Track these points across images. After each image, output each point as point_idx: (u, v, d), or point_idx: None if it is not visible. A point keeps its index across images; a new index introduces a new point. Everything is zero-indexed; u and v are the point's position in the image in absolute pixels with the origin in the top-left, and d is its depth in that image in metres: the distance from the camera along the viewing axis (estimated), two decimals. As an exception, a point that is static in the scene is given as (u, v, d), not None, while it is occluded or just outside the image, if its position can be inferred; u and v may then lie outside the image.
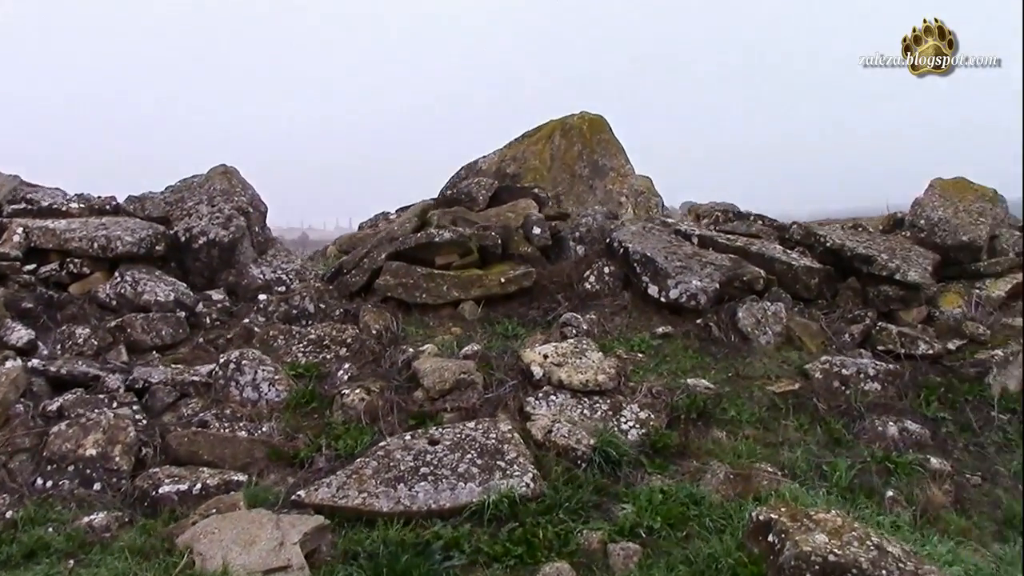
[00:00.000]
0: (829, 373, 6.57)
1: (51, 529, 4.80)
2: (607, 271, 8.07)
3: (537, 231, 8.81)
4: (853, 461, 5.61)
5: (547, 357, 6.37)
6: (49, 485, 5.28)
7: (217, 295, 8.19)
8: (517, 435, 5.50)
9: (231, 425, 5.98)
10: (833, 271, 8.26)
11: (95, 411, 5.82)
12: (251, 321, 7.59)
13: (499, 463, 5.16)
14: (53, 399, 6.09)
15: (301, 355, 6.92)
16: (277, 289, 8.46)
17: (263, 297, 8.04)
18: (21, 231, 8.25)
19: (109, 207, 9.14)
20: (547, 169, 13.17)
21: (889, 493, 5.30)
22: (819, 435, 5.98)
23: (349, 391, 6.17)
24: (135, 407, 6.06)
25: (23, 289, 7.74)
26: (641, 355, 6.86)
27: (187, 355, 7.18)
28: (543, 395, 6.08)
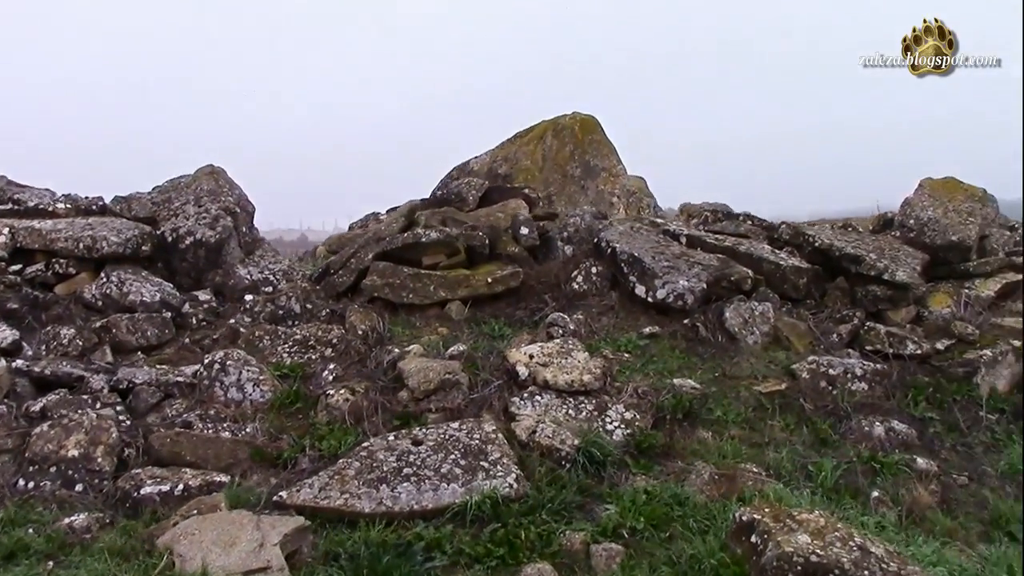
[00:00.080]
0: (816, 373, 6.55)
1: (31, 530, 4.75)
2: (595, 271, 8.05)
3: (525, 231, 8.79)
4: (839, 461, 5.59)
5: (533, 357, 6.35)
6: (31, 486, 5.25)
7: (204, 295, 8.17)
8: (501, 435, 5.48)
9: (215, 426, 5.94)
10: (822, 271, 8.24)
11: (78, 412, 5.79)
12: (237, 321, 7.56)
13: (482, 464, 5.13)
14: (37, 400, 6.07)
15: (286, 355, 6.90)
16: (264, 289, 8.43)
17: (249, 297, 8.02)
18: (7, 231, 8.23)
19: (96, 207, 9.12)
20: (539, 169, 13.18)
21: (875, 493, 5.28)
22: (805, 435, 5.97)
23: (334, 391, 6.15)
24: (119, 408, 6.03)
25: (8, 290, 7.71)
26: (628, 355, 6.84)
27: (172, 356, 7.15)
28: (528, 395, 6.06)
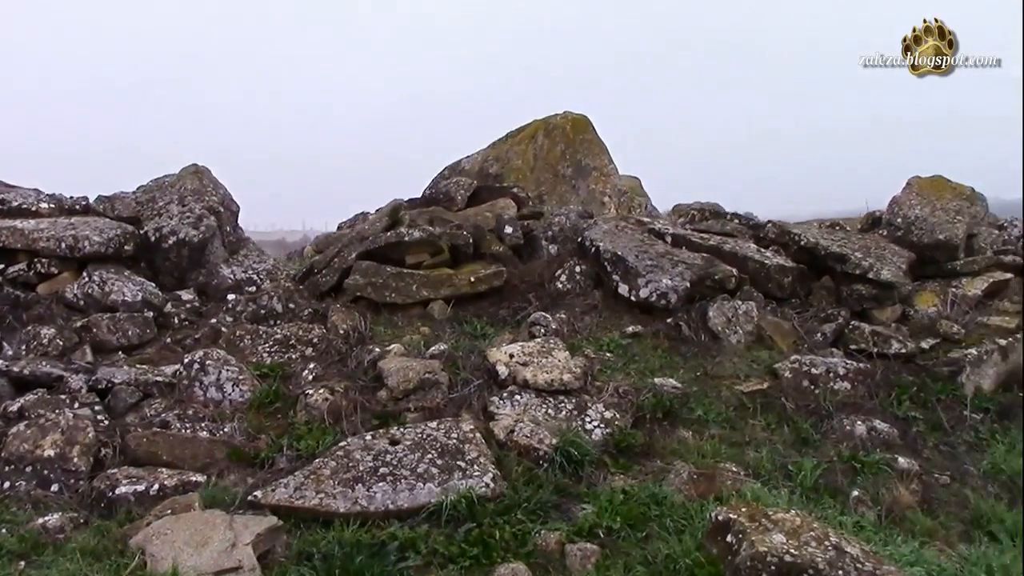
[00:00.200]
0: (798, 372, 6.53)
1: (4, 530, 4.71)
2: (578, 270, 8.02)
3: (509, 230, 8.76)
4: (819, 461, 5.57)
5: (513, 356, 6.31)
6: (6, 486, 5.20)
7: (187, 295, 8.11)
8: (479, 435, 5.44)
9: (193, 426, 5.90)
10: (807, 270, 8.21)
11: (55, 412, 5.73)
12: (219, 321, 7.52)
13: (459, 463, 5.10)
14: (15, 400, 6.01)
15: (266, 355, 6.85)
16: (248, 289, 8.39)
17: (232, 297, 7.98)
18: (-11, 231, 8.16)
19: (79, 207, 9.06)
20: (530, 169, 13.15)
21: (854, 493, 5.26)
22: (786, 435, 5.94)
23: (313, 391, 6.11)
24: (97, 408, 5.97)
25: (-10, 290, 7.65)
26: (609, 355, 6.81)
27: (153, 355, 7.10)
28: (508, 395, 6.02)
